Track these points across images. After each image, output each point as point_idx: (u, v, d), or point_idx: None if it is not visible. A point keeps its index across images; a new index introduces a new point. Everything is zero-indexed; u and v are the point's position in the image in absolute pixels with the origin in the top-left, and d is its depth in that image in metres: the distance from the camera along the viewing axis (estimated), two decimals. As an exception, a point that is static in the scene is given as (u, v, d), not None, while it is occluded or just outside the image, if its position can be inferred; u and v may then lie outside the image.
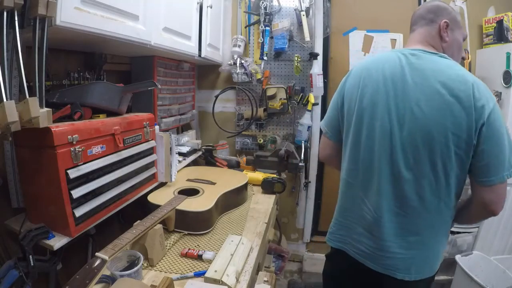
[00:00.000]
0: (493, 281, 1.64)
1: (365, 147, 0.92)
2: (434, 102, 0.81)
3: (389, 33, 2.08)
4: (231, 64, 2.05)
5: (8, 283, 0.75)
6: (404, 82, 0.86)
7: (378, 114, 0.89)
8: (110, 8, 0.93)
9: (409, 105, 0.84)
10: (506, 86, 1.71)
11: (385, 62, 0.92)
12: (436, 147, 0.81)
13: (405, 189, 0.86)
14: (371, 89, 0.91)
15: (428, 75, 0.84)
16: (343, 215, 1.03)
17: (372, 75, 0.92)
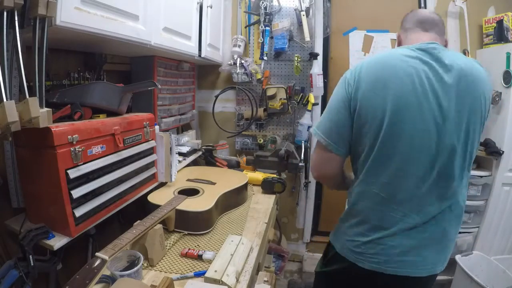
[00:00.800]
0: (493, 281, 1.64)
1: (405, 155, 0.83)
2: (471, 94, 0.83)
3: (389, 33, 2.08)
4: (231, 64, 2.05)
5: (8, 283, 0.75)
6: (438, 78, 0.82)
7: (418, 116, 0.81)
8: (110, 8, 0.93)
9: (450, 102, 0.82)
10: (506, 86, 1.71)
11: (406, 57, 0.84)
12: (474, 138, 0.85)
13: (455, 189, 0.87)
14: (400, 89, 0.81)
15: (461, 70, 0.83)
16: (377, 232, 0.89)
17: (396, 72, 0.83)
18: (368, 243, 0.90)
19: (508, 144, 1.71)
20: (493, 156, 1.74)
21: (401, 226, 0.87)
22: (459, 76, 0.82)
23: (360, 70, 0.87)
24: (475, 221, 1.88)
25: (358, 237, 0.92)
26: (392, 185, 0.86)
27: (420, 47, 0.86)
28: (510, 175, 1.77)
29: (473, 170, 1.83)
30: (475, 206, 1.84)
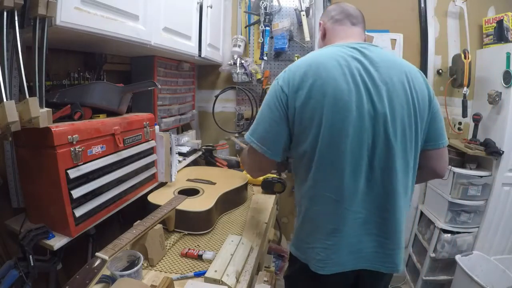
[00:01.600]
0: (493, 281, 1.64)
1: (347, 155, 0.82)
2: (402, 90, 0.84)
3: (389, 33, 2.08)
4: (231, 64, 2.05)
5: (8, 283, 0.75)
6: (371, 77, 0.83)
7: (357, 115, 0.81)
8: (110, 8, 0.93)
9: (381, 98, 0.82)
10: (506, 86, 1.71)
11: (339, 59, 0.84)
12: (409, 129, 0.86)
13: (395, 183, 0.85)
14: (339, 90, 0.80)
15: (390, 66, 0.86)
16: (332, 236, 0.87)
17: (332, 75, 0.81)
18: (328, 249, 0.87)
19: (508, 144, 1.71)
20: (493, 156, 1.74)
21: (355, 224, 0.86)
22: (387, 73, 0.84)
23: (294, 74, 0.86)
24: (475, 221, 1.88)
25: (317, 243, 0.89)
26: (341, 186, 0.83)
27: (352, 46, 0.88)
28: (510, 175, 1.77)
29: (473, 170, 1.84)
30: (475, 206, 1.84)
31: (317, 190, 0.87)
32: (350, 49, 0.87)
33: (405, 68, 0.87)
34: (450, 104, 2.08)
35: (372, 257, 0.89)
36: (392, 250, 0.88)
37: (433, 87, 2.10)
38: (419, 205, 2.21)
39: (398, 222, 0.87)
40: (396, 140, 0.83)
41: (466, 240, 1.88)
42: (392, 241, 0.88)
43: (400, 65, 0.88)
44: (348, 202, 0.84)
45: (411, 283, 2.14)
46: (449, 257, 1.88)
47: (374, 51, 0.88)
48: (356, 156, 0.82)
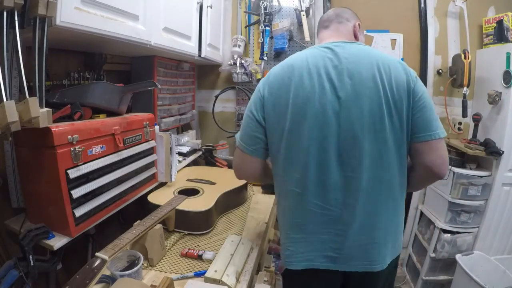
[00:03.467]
0: (493, 281, 1.64)
1: (311, 149, 0.84)
2: (371, 82, 0.82)
3: (389, 33, 2.09)
4: (231, 64, 2.05)
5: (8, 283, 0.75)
6: (338, 72, 0.83)
7: (320, 110, 0.82)
8: (110, 8, 0.93)
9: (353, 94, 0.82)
10: (506, 86, 1.71)
11: (309, 59, 0.87)
12: (380, 121, 0.82)
13: (364, 176, 0.83)
14: (302, 88, 0.84)
15: (359, 61, 0.84)
16: (298, 230, 0.90)
17: (299, 74, 0.85)
18: (296, 242, 0.90)
19: (508, 144, 1.71)
20: (493, 156, 1.74)
21: (323, 220, 0.86)
22: (355, 67, 0.83)
23: (268, 77, 0.92)
24: (475, 221, 1.88)
25: (287, 238, 0.93)
26: (303, 179, 0.86)
27: (325, 46, 0.90)
28: (510, 175, 1.77)
29: (473, 170, 1.84)
30: (475, 206, 1.84)
31: (284, 186, 0.90)
32: (322, 49, 0.89)
33: (378, 60, 0.84)
34: (450, 104, 2.08)
35: (346, 257, 0.87)
36: (366, 245, 0.85)
37: (433, 87, 2.10)
38: (419, 205, 2.21)
39: (370, 217, 0.85)
40: (363, 134, 0.81)
41: (466, 240, 1.88)
42: (365, 237, 0.85)
43: (372, 57, 0.85)
44: (313, 195, 0.85)
45: (411, 283, 2.14)
46: (449, 257, 1.88)
47: (347, 47, 0.88)
48: (321, 150, 0.83)
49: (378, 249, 0.86)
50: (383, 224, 0.87)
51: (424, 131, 0.84)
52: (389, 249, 0.88)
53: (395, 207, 0.89)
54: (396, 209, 0.89)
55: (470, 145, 1.84)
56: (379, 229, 0.86)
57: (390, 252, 0.89)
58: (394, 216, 0.89)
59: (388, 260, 0.88)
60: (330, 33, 0.98)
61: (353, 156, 0.83)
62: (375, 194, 0.85)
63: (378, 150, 0.83)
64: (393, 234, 0.89)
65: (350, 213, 0.85)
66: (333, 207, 0.85)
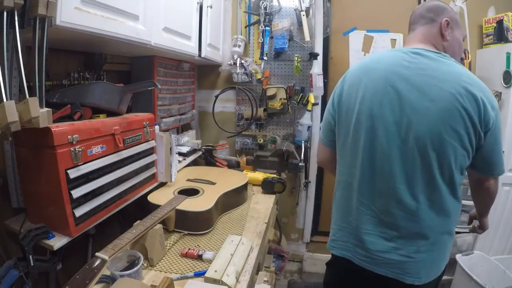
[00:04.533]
0: (493, 281, 1.64)
1: (365, 150, 0.89)
2: (441, 103, 0.79)
3: (389, 33, 2.08)
4: (231, 64, 2.05)
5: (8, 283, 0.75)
6: (408, 82, 0.84)
7: (380, 115, 0.86)
8: (110, 8, 0.93)
9: (415, 106, 0.82)
10: (506, 86, 1.71)
11: (386, 61, 0.89)
12: (442, 148, 0.81)
13: (408, 191, 0.85)
14: (371, 90, 0.88)
15: (434, 75, 0.82)
16: (345, 219, 0.97)
17: (372, 75, 0.89)
18: (340, 231, 1.00)
19: (508, 144, 1.71)
20: (493, 156, 1.74)
21: (362, 217, 0.92)
22: (428, 85, 0.82)
23: (347, 73, 0.99)
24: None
25: (335, 224, 1.03)
26: (355, 172, 0.93)
27: (405, 50, 0.90)
28: (510, 175, 1.77)
29: (473, 170, 1.83)
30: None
31: (340, 176, 1.00)
32: (401, 54, 0.89)
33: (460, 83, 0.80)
34: (450, 104, 2.08)
35: (380, 261, 0.89)
36: (402, 257, 0.87)
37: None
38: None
39: (405, 231, 0.87)
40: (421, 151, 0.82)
41: (466, 240, 1.88)
42: (403, 249, 0.87)
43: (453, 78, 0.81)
44: (359, 191, 0.92)
45: (411, 283, 2.13)
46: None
47: (426, 56, 0.85)
48: (372, 153, 0.88)
49: (416, 263, 0.88)
50: (427, 243, 0.87)
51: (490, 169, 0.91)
52: (427, 267, 0.89)
53: (442, 230, 0.89)
54: (443, 231, 0.90)
55: (470, 145, 1.83)
56: (411, 245, 0.87)
57: (428, 270, 0.90)
58: (440, 237, 0.90)
59: (423, 278, 0.88)
60: (415, 36, 0.95)
61: (386, 164, 0.86)
62: (424, 213, 0.85)
63: (432, 170, 0.82)
64: (435, 255, 0.91)
65: (394, 223, 0.88)
66: (380, 213, 0.89)
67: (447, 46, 0.91)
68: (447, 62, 0.85)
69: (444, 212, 0.86)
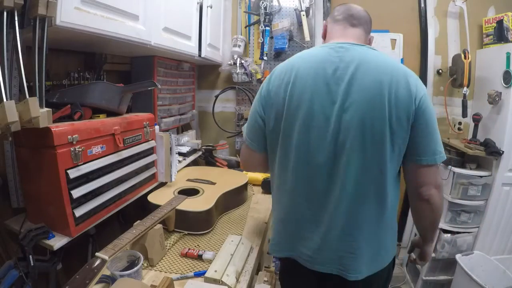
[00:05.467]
0: (493, 281, 1.64)
1: (298, 148, 0.85)
2: (371, 91, 0.79)
3: (389, 33, 2.08)
4: (231, 64, 2.05)
5: (8, 283, 0.75)
6: (336, 76, 0.82)
7: (310, 112, 0.83)
8: (110, 8, 0.93)
9: (344, 97, 0.80)
10: (506, 86, 1.71)
11: (312, 57, 0.87)
12: (373, 134, 0.79)
13: (346, 186, 0.83)
14: (300, 87, 0.84)
15: (362, 66, 0.81)
16: (285, 225, 0.94)
17: (299, 72, 0.85)
18: (279, 233, 0.96)
19: (508, 144, 1.71)
20: (493, 156, 1.74)
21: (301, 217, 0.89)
22: (354, 71, 0.81)
23: (270, 76, 0.93)
24: (475, 221, 1.88)
25: (273, 228, 1.00)
26: (292, 180, 0.89)
27: (331, 45, 0.87)
28: (510, 175, 1.77)
29: (473, 170, 1.84)
30: (475, 206, 1.84)
31: (277, 180, 0.94)
32: (327, 49, 0.86)
33: (387, 72, 0.80)
34: (450, 104, 2.08)
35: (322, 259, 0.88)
36: (342, 253, 0.86)
37: (433, 87, 2.10)
38: (419, 205, 2.20)
39: (351, 228, 0.85)
40: (353, 143, 0.80)
41: (466, 240, 1.88)
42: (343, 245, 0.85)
43: (381, 67, 0.81)
44: (300, 195, 0.88)
45: (411, 283, 2.14)
46: (449, 257, 1.88)
47: (354, 50, 0.84)
48: (308, 153, 0.84)
49: (354, 259, 0.85)
50: (363, 237, 0.85)
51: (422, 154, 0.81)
52: (365, 261, 0.85)
53: (379, 222, 0.86)
54: (380, 224, 0.86)
55: (470, 145, 1.84)
56: (358, 241, 0.85)
57: (368, 265, 0.86)
58: (377, 230, 0.86)
59: (364, 272, 0.85)
60: (356, 33, 0.92)
61: (338, 164, 0.82)
62: (358, 206, 0.83)
63: (364, 163, 0.81)
64: (374, 248, 0.86)
65: (331, 219, 0.85)
66: (317, 210, 0.87)
67: None
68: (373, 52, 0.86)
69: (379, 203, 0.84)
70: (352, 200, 0.83)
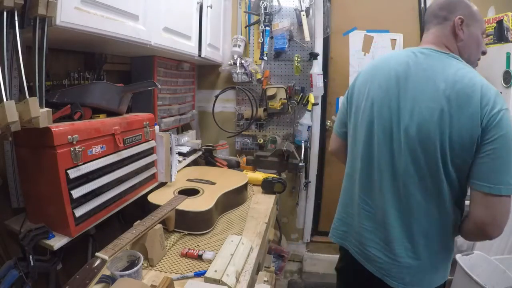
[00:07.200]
0: (493, 281, 1.64)
1: (364, 145, 0.93)
2: (435, 103, 0.77)
3: (389, 33, 2.09)
4: (231, 64, 2.05)
5: (8, 283, 0.75)
6: (408, 81, 0.84)
7: (380, 112, 0.88)
8: (110, 8, 0.93)
9: (410, 105, 0.82)
10: (506, 86, 1.71)
11: (394, 60, 0.91)
12: (432, 150, 0.78)
13: (399, 192, 0.85)
14: (377, 87, 0.90)
15: (432, 75, 0.80)
16: (345, 210, 1.04)
17: (379, 73, 0.92)
18: (339, 220, 1.07)
19: (508, 144, 1.71)
20: (493, 156, 1.74)
21: (360, 213, 0.96)
22: (419, 83, 0.83)
23: (359, 74, 1.02)
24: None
25: (337, 214, 1.09)
26: (354, 171, 0.99)
27: (414, 50, 0.90)
28: (510, 175, 1.77)
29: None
30: (475, 206, 1.84)
31: (346, 168, 1.05)
32: (408, 54, 0.89)
33: (448, 84, 0.77)
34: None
35: (370, 257, 0.92)
36: (383, 258, 0.89)
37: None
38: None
39: (390, 237, 0.87)
40: (407, 153, 0.82)
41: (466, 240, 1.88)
42: (388, 253, 0.88)
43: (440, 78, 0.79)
44: (359, 184, 0.96)
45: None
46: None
47: (431, 56, 0.85)
48: (370, 149, 0.92)
49: (400, 267, 0.86)
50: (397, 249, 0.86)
51: (478, 179, 0.75)
52: (412, 274, 0.86)
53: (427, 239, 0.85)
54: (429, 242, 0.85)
55: (470, 145, 1.83)
56: (394, 251, 0.87)
57: (414, 278, 0.86)
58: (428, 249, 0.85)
59: (408, 284, 0.86)
60: (427, 37, 0.91)
61: (392, 167, 0.87)
62: (408, 213, 0.85)
63: (406, 178, 0.83)
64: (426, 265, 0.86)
65: (381, 225, 0.90)
66: (372, 210, 0.92)
67: (462, 46, 0.86)
68: (448, 62, 0.82)
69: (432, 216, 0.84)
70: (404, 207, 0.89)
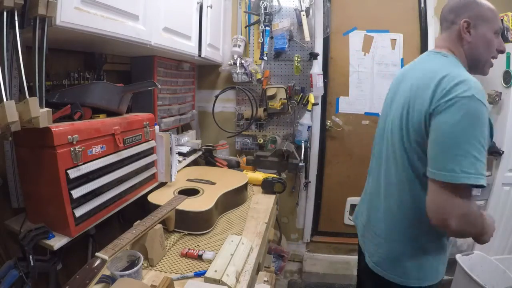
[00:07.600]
0: (493, 281, 1.64)
1: (375, 143, 1.06)
2: (404, 98, 0.86)
3: (389, 33, 2.09)
4: (231, 64, 2.05)
5: (8, 283, 0.75)
6: (401, 83, 0.94)
7: (382, 112, 1.03)
8: (110, 8, 0.93)
9: (395, 104, 0.93)
10: (506, 86, 1.71)
11: (408, 64, 1.00)
12: (398, 139, 0.87)
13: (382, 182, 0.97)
14: (390, 90, 1.02)
15: (413, 73, 0.89)
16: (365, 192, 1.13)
17: (395, 77, 1.03)
18: (361, 201, 1.15)
19: (508, 144, 1.71)
20: (493, 156, 1.74)
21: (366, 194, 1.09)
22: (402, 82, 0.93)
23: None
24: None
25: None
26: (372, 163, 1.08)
27: (423, 54, 0.97)
28: (510, 175, 1.77)
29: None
30: (475, 206, 1.84)
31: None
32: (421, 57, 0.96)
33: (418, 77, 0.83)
34: (450, 104, 2.07)
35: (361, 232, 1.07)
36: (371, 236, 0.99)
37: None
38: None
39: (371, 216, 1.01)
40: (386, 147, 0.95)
41: (466, 240, 1.88)
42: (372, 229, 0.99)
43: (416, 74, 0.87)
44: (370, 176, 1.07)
45: (411, 283, 2.13)
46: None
47: (419, 59, 0.95)
48: (377, 144, 1.04)
49: (370, 245, 0.98)
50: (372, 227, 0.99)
51: (430, 166, 0.75)
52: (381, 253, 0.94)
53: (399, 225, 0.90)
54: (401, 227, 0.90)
55: (470, 145, 1.83)
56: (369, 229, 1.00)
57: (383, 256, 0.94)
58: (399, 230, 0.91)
59: (375, 257, 0.95)
60: (437, 41, 0.94)
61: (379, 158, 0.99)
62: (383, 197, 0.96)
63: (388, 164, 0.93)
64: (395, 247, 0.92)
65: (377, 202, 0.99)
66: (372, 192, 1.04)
67: (468, 49, 0.86)
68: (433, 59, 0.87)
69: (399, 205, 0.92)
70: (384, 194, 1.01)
